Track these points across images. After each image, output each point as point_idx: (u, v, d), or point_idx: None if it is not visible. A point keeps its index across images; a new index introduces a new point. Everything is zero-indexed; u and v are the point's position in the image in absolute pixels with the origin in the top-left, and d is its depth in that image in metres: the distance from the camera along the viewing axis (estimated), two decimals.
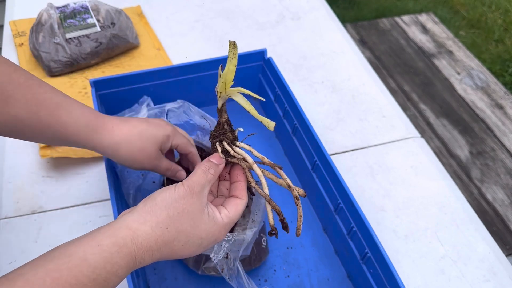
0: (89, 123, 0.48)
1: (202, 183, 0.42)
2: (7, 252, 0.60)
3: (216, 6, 1.02)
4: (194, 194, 0.41)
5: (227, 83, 0.42)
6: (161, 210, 0.39)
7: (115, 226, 0.38)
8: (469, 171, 1.63)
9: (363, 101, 0.85)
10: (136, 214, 0.39)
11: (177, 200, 0.40)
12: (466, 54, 2.06)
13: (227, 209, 0.44)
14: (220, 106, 0.45)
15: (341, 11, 2.34)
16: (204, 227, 0.41)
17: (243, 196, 0.45)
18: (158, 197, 0.40)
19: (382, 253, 0.51)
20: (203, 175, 0.43)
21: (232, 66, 0.41)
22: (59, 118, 0.47)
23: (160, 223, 0.39)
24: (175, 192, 0.41)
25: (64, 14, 0.82)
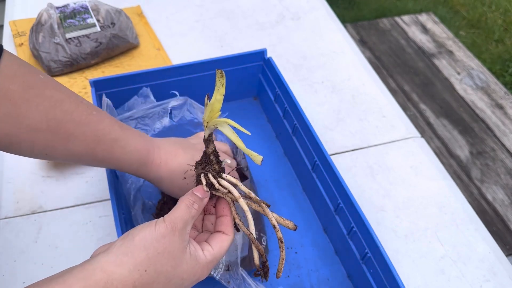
0: (141, 158, 0.50)
1: (185, 219, 0.39)
2: (7, 252, 0.60)
3: (216, 6, 1.02)
4: (176, 232, 0.38)
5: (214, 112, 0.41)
6: (139, 250, 0.36)
7: (89, 268, 0.35)
8: (469, 171, 1.63)
9: (363, 101, 0.85)
10: (111, 255, 0.36)
11: (157, 239, 0.37)
12: (466, 54, 2.06)
13: (211, 246, 0.41)
14: (207, 136, 0.43)
15: (341, 11, 2.34)
16: (185, 267, 0.39)
17: (229, 232, 0.43)
18: (137, 236, 0.37)
19: (382, 253, 0.51)
20: (186, 210, 0.40)
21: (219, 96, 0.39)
22: (114, 155, 0.49)
23: (138, 265, 0.36)
24: (156, 230, 0.38)
25: (64, 14, 0.82)
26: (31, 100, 0.41)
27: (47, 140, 0.44)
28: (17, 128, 0.42)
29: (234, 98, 0.81)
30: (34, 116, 0.42)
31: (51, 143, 0.44)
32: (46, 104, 0.42)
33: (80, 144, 0.46)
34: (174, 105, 0.64)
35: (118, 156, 0.49)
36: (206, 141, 0.44)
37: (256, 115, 0.80)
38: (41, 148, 0.44)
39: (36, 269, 0.59)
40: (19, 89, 0.41)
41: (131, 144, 0.50)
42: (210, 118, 0.41)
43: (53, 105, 0.43)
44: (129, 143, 0.49)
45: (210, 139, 0.43)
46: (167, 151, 0.53)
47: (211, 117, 0.41)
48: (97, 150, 0.47)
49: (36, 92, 0.42)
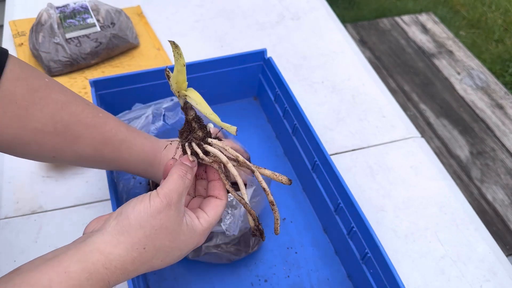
0: (147, 159, 0.51)
1: (179, 191, 0.38)
2: (7, 252, 0.60)
3: (216, 6, 1.02)
4: (171, 205, 0.37)
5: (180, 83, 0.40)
6: (136, 229, 0.35)
7: (85, 249, 0.34)
8: (469, 171, 1.63)
9: (363, 101, 0.85)
10: (107, 235, 0.35)
11: (153, 216, 0.36)
12: (466, 54, 2.06)
13: (206, 213, 0.41)
14: (183, 104, 0.42)
15: (341, 11, 2.34)
16: (183, 238, 0.38)
17: (222, 196, 0.42)
18: (132, 214, 0.36)
19: (382, 253, 0.51)
20: (180, 181, 0.38)
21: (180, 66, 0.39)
22: (121, 155, 0.49)
23: (136, 244, 0.35)
24: (151, 205, 0.36)
25: (64, 14, 0.82)
26: (37, 103, 0.42)
27: (55, 143, 0.44)
28: (23, 131, 0.42)
29: (234, 98, 0.81)
30: (40, 119, 0.42)
31: (59, 146, 0.45)
32: (52, 106, 0.43)
33: (87, 146, 0.46)
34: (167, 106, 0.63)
35: (125, 157, 0.49)
36: (183, 109, 0.42)
37: (256, 115, 0.80)
38: (48, 150, 0.45)
39: None
40: (24, 92, 0.41)
41: (138, 145, 0.50)
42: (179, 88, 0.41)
43: (60, 108, 0.43)
44: (136, 144, 0.50)
45: (187, 106, 0.42)
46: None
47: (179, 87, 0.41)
48: (104, 151, 0.48)
49: (41, 95, 0.42)
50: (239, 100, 0.82)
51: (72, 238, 0.62)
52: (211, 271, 0.60)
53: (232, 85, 0.77)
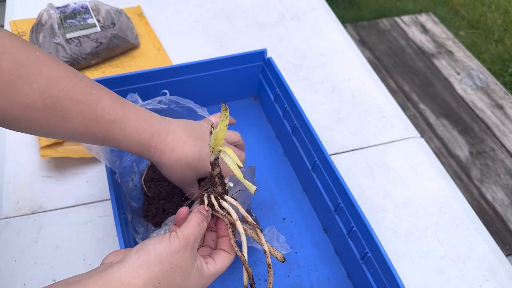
0: (143, 142, 0.50)
1: (196, 235, 0.42)
2: (7, 252, 0.60)
3: (216, 6, 1.03)
4: (188, 248, 0.41)
5: (218, 140, 0.45)
6: (154, 264, 0.39)
7: (107, 277, 0.37)
8: (469, 171, 1.63)
9: (363, 101, 0.85)
10: (128, 267, 0.38)
11: (171, 255, 0.40)
12: (466, 54, 2.07)
13: (214, 261, 0.45)
14: (213, 160, 0.46)
15: (341, 11, 2.34)
16: (192, 280, 0.42)
17: (231, 252, 0.46)
18: (153, 251, 0.40)
19: (382, 253, 0.51)
20: (197, 227, 0.43)
21: (223, 126, 0.44)
22: (114, 136, 0.48)
23: (153, 278, 0.39)
24: (170, 245, 0.40)
25: (64, 14, 0.82)
26: (24, 77, 0.41)
27: (45, 119, 0.44)
28: (11, 105, 0.42)
29: (234, 98, 0.81)
30: (28, 94, 0.42)
31: (49, 122, 0.44)
32: (41, 82, 0.42)
33: (78, 124, 0.46)
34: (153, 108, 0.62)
35: (117, 138, 0.49)
36: (212, 164, 0.47)
37: (256, 115, 0.80)
38: (39, 126, 0.45)
39: (36, 269, 0.59)
40: (10, 66, 0.41)
41: (132, 126, 0.49)
42: (215, 145, 0.45)
43: (49, 84, 0.43)
44: (130, 125, 0.49)
45: (216, 163, 0.46)
46: (175, 137, 0.52)
47: (216, 144, 0.45)
48: (96, 130, 0.47)
49: (30, 70, 0.42)
50: (239, 100, 0.82)
51: (72, 238, 0.63)
52: None
53: (232, 85, 0.77)
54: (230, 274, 0.60)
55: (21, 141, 0.73)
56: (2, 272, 0.59)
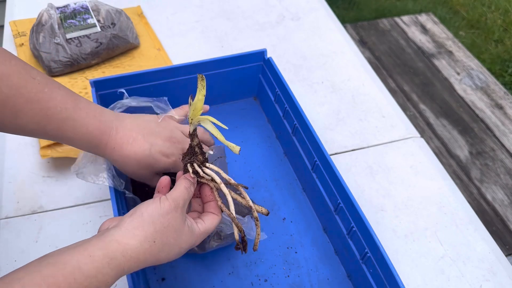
0: (93, 140, 0.51)
1: (185, 198, 0.45)
2: (7, 252, 0.60)
3: (216, 6, 1.03)
4: (178, 209, 0.44)
5: (197, 111, 0.47)
6: (148, 225, 0.42)
7: (105, 240, 0.40)
8: (468, 171, 1.63)
9: (362, 101, 0.85)
10: (124, 230, 0.41)
11: (163, 215, 0.43)
12: (466, 54, 2.07)
13: (203, 221, 0.48)
14: (192, 131, 0.49)
15: (341, 11, 2.34)
16: (184, 238, 0.44)
17: (218, 213, 0.49)
18: (145, 213, 0.42)
19: (382, 253, 0.51)
20: (185, 191, 0.46)
21: (201, 96, 0.46)
22: (65, 133, 0.49)
23: (148, 238, 0.41)
24: (161, 207, 0.43)
25: (64, 14, 0.82)
26: None
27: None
28: None
29: (234, 98, 0.81)
30: None
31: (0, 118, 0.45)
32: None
33: (29, 121, 0.46)
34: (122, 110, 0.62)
35: (68, 136, 0.49)
36: (191, 135, 0.49)
37: (256, 115, 0.80)
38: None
39: None
40: None
41: (83, 124, 0.50)
42: (194, 115, 0.47)
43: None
44: (81, 124, 0.50)
45: (194, 133, 0.49)
46: (124, 134, 0.52)
47: (194, 114, 0.47)
48: (47, 128, 0.48)
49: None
50: (239, 100, 0.82)
51: (72, 238, 0.63)
52: (211, 270, 0.60)
53: (232, 85, 0.77)
54: (230, 274, 0.60)
55: (21, 141, 0.73)
56: (2, 272, 0.59)
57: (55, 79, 0.81)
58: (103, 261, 0.38)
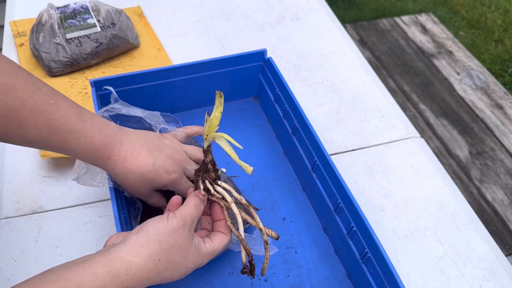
0: (96, 152, 0.50)
1: (193, 216, 0.45)
2: (7, 252, 0.60)
3: (216, 6, 1.03)
4: (185, 227, 0.43)
5: (212, 127, 0.46)
6: (154, 243, 0.41)
7: (110, 256, 0.40)
8: (468, 171, 1.63)
9: (362, 101, 0.85)
10: (129, 247, 0.41)
11: (169, 234, 0.42)
12: (466, 54, 2.07)
13: (212, 240, 0.47)
14: (206, 147, 0.48)
15: (341, 11, 2.34)
16: (190, 257, 0.44)
17: (227, 233, 0.49)
18: (152, 230, 0.42)
19: (381, 253, 0.51)
20: (194, 209, 0.45)
21: (217, 113, 0.45)
22: (68, 145, 0.49)
23: (153, 256, 0.41)
24: (168, 225, 0.42)
25: (64, 14, 0.82)
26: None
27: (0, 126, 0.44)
28: None
29: (234, 98, 0.81)
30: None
31: (4, 129, 0.45)
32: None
33: (33, 132, 0.46)
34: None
35: (72, 147, 0.49)
36: (204, 151, 0.48)
37: (256, 115, 0.80)
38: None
39: (36, 269, 0.59)
40: None
41: (87, 136, 0.49)
42: (209, 132, 0.47)
43: (5, 92, 0.43)
44: (85, 135, 0.49)
45: (208, 150, 0.48)
46: (129, 147, 0.52)
47: (210, 131, 0.46)
48: (50, 139, 0.47)
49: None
50: (239, 100, 0.82)
51: (72, 238, 0.63)
52: (211, 270, 0.60)
53: (232, 85, 0.77)
54: (230, 274, 0.60)
55: None
56: (2, 272, 0.59)
57: (55, 78, 0.81)
58: (106, 279, 0.38)
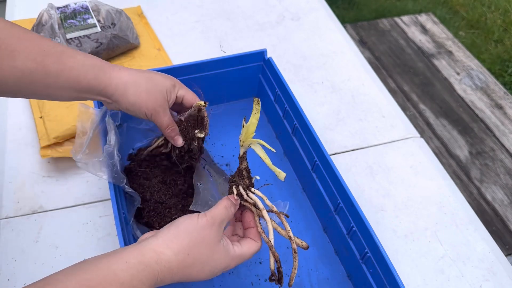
0: (96, 64, 0.50)
1: (222, 217, 0.46)
2: (8, 252, 0.60)
3: (216, 6, 1.03)
4: (214, 226, 0.44)
5: (249, 134, 0.47)
6: (183, 237, 0.43)
7: (141, 248, 0.41)
8: (468, 171, 1.63)
9: (362, 101, 0.85)
10: (160, 239, 0.42)
11: (198, 230, 0.43)
12: (466, 55, 2.07)
13: (241, 244, 0.48)
14: (242, 154, 0.50)
15: (341, 11, 2.34)
16: (217, 257, 0.44)
17: (257, 240, 0.49)
18: (182, 225, 0.43)
19: (381, 253, 0.51)
20: (224, 210, 0.46)
21: (254, 120, 0.47)
22: (66, 65, 0.48)
23: (182, 249, 0.42)
24: (198, 221, 0.44)
25: (64, 15, 0.82)
26: None
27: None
28: None
29: (234, 98, 0.81)
30: None
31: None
32: None
33: (27, 59, 0.45)
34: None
35: (71, 66, 0.48)
36: (240, 158, 0.50)
37: None
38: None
39: (36, 268, 0.59)
40: None
41: (80, 54, 0.49)
42: (246, 138, 0.48)
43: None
44: (78, 53, 0.49)
45: (244, 157, 0.50)
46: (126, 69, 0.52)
47: (246, 137, 0.48)
48: (47, 63, 0.46)
49: None
50: (239, 100, 0.82)
51: (72, 237, 0.63)
52: None
53: (232, 85, 0.77)
54: (230, 274, 0.60)
55: (22, 141, 0.73)
56: (2, 272, 0.59)
57: None
58: (138, 268, 0.39)
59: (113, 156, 0.56)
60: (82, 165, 0.55)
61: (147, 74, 0.53)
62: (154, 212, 0.60)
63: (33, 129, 0.75)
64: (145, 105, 0.53)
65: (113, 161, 0.56)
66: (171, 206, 0.61)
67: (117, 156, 0.57)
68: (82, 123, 0.58)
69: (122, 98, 0.51)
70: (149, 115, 0.54)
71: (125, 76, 0.51)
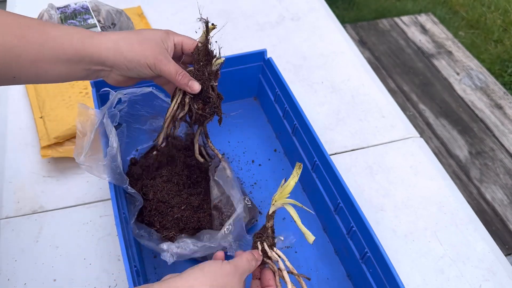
0: (81, 31, 0.47)
1: (245, 268, 0.47)
2: (8, 252, 0.60)
3: (216, 6, 1.03)
4: (237, 274, 0.45)
5: (284, 194, 0.48)
6: (206, 279, 0.43)
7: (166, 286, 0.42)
8: (468, 171, 1.63)
9: (362, 101, 0.85)
10: (183, 279, 0.43)
11: (222, 276, 0.44)
12: (466, 55, 2.07)
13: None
14: (271, 213, 0.50)
15: (341, 11, 2.34)
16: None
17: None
18: (206, 268, 0.44)
19: (381, 253, 0.51)
20: (247, 263, 0.47)
21: (292, 182, 0.48)
22: (49, 34, 0.46)
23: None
24: (222, 267, 0.44)
25: (65, 15, 0.82)
26: None
27: None
28: None
29: (234, 98, 0.81)
30: None
31: None
32: None
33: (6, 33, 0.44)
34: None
35: (54, 35, 0.46)
36: (268, 216, 0.51)
37: (256, 115, 0.80)
38: None
39: (36, 268, 0.59)
40: None
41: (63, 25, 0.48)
42: (280, 197, 0.49)
43: None
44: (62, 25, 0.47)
45: (272, 216, 0.51)
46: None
47: (280, 197, 0.49)
48: (29, 36, 0.44)
49: None
50: (239, 100, 0.82)
51: (72, 237, 0.63)
52: None
53: (232, 85, 0.77)
54: None
55: (22, 141, 0.73)
56: (2, 272, 0.59)
57: None
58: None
59: (116, 159, 0.56)
60: (87, 168, 0.55)
61: (136, 31, 0.51)
62: (156, 211, 0.60)
63: (33, 129, 0.75)
64: (144, 56, 0.49)
65: (116, 163, 0.56)
66: (173, 206, 0.61)
67: (119, 159, 0.57)
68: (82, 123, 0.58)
69: (118, 59, 0.48)
70: (152, 65, 0.50)
71: (114, 36, 0.49)
